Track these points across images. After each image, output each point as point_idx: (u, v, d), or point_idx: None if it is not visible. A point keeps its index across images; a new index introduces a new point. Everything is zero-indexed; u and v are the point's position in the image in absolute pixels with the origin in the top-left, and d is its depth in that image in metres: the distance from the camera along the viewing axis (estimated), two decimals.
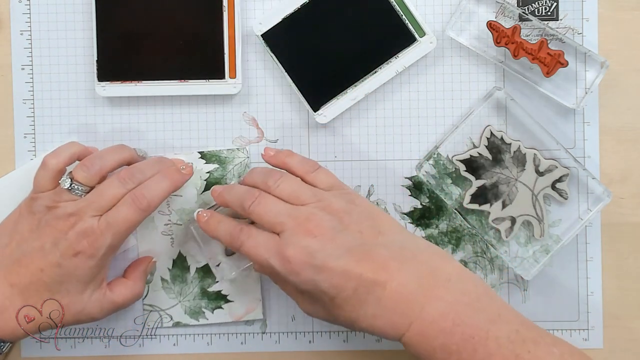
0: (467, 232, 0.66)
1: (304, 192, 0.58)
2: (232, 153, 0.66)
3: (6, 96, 0.66)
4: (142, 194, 0.59)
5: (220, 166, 0.66)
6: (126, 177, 0.60)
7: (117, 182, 0.59)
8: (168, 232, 0.66)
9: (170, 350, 0.67)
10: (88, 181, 0.60)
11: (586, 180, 0.66)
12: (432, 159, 0.66)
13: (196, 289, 0.66)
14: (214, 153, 0.66)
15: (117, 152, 0.62)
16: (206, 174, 0.66)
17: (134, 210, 0.59)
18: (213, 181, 0.66)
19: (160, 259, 0.66)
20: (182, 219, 0.66)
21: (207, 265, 0.66)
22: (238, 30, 0.64)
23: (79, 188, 0.59)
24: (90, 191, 0.60)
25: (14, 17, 0.66)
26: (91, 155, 0.62)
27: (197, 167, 0.65)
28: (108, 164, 0.61)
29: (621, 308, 0.67)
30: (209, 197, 0.64)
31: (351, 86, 0.64)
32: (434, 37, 0.64)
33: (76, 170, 0.60)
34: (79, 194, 0.59)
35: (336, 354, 0.67)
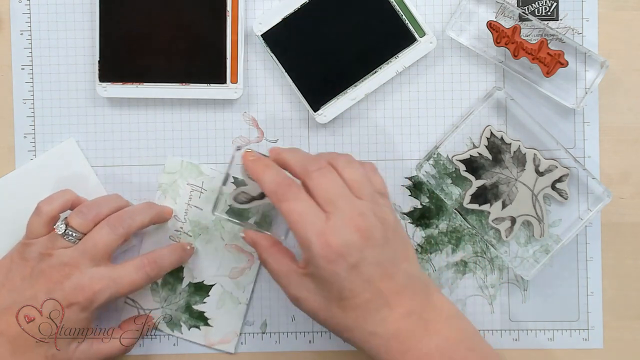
0: (467, 232, 0.66)
1: (366, 187, 0.56)
2: None
3: (6, 96, 0.66)
4: (154, 261, 0.61)
5: None
6: (116, 223, 0.60)
7: (107, 229, 0.60)
8: (176, 238, 0.66)
9: (170, 350, 0.67)
10: (83, 228, 0.60)
11: (586, 180, 0.66)
12: (432, 159, 0.66)
13: (182, 302, 0.66)
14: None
15: (113, 201, 0.63)
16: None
17: (142, 275, 0.60)
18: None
19: None
20: (194, 232, 0.66)
21: (200, 283, 0.66)
22: (241, 34, 0.64)
23: (73, 234, 0.60)
24: (83, 238, 0.60)
25: (14, 17, 0.66)
26: (87, 202, 0.62)
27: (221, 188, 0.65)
28: (104, 211, 0.61)
29: (621, 308, 0.67)
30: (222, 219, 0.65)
31: (351, 86, 0.64)
32: (434, 37, 0.64)
33: (72, 216, 0.60)
34: (73, 240, 0.59)
35: (336, 354, 0.67)
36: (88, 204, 0.62)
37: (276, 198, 0.55)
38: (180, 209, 0.66)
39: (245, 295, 0.66)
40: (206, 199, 0.66)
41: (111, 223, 0.60)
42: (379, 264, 0.55)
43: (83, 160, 0.66)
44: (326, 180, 0.55)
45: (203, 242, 0.66)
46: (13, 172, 0.66)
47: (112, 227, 0.60)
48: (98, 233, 0.60)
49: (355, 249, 0.54)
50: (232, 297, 0.66)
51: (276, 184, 0.56)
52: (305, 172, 0.56)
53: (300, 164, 0.57)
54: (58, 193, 0.62)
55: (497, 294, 0.66)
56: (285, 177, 0.56)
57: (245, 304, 0.66)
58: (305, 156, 0.58)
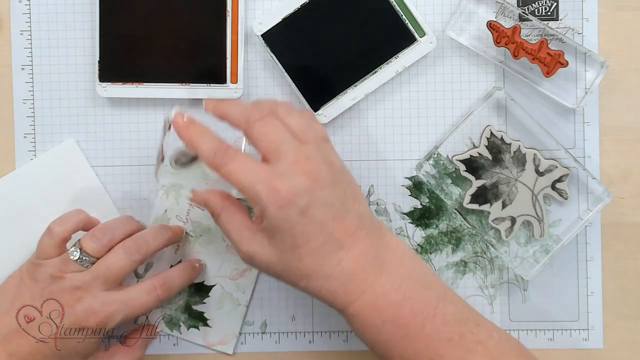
0: (467, 232, 0.66)
1: (310, 132, 0.55)
2: None
3: (6, 96, 0.66)
4: (165, 283, 0.61)
5: None
6: (132, 249, 0.60)
7: (123, 254, 0.60)
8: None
9: (170, 350, 0.67)
10: (97, 253, 0.60)
11: (586, 180, 0.66)
12: (432, 159, 0.66)
13: (181, 302, 0.66)
14: None
15: (127, 224, 0.62)
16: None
17: (154, 298, 0.60)
18: None
19: (160, 260, 0.66)
20: (196, 232, 0.66)
21: (200, 283, 0.66)
22: (241, 35, 0.64)
23: (87, 259, 0.59)
24: (96, 262, 0.60)
25: (14, 17, 0.66)
26: (101, 226, 0.62)
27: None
28: (118, 236, 0.61)
29: (621, 308, 0.67)
30: None
31: (351, 86, 0.64)
32: (434, 37, 0.64)
33: (85, 240, 0.60)
34: (86, 265, 0.59)
35: (336, 354, 0.67)
36: (102, 227, 0.61)
37: (215, 165, 0.54)
38: (182, 210, 0.66)
39: (245, 297, 0.66)
40: None
41: (127, 248, 0.60)
42: (329, 205, 0.53)
43: (83, 161, 0.66)
44: (269, 129, 0.54)
45: (205, 243, 0.66)
46: (13, 172, 0.66)
47: (128, 253, 0.60)
48: (113, 258, 0.60)
49: (305, 191, 0.52)
50: (232, 299, 0.66)
51: (213, 151, 0.54)
52: (247, 123, 0.55)
53: (241, 115, 0.55)
54: (70, 213, 0.62)
55: (497, 294, 0.66)
56: (221, 142, 0.55)
57: (245, 306, 0.66)
58: (245, 107, 0.56)
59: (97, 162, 0.66)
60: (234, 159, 0.53)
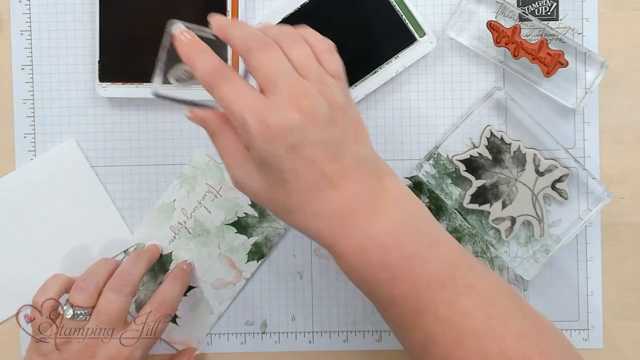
0: (467, 232, 0.66)
1: (313, 66, 0.52)
2: None
3: (6, 96, 0.66)
4: (164, 300, 0.62)
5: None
6: (120, 286, 0.60)
7: (113, 294, 0.60)
8: (175, 230, 0.66)
9: (170, 350, 0.67)
10: (88, 303, 0.60)
11: (586, 180, 0.66)
12: (432, 159, 0.66)
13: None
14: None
15: (105, 265, 0.63)
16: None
17: (158, 317, 0.61)
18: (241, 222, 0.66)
19: None
20: (195, 230, 0.66)
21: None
22: None
23: (81, 312, 0.59)
24: (92, 312, 0.60)
25: (14, 17, 0.66)
26: (81, 277, 0.61)
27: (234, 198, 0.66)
28: (101, 279, 0.61)
29: (621, 308, 0.67)
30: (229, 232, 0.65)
31: (351, 86, 0.64)
32: (434, 37, 0.64)
33: (72, 295, 0.60)
34: (84, 318, 0.59)
35: (336, 354, 0.67)
36: (83, 278, 0.61)
37: (209, 86, 0.52)
38: (190, 205, 0.66)
39: (220, 308, 0.66)
40: (218, 205, 0.66)
41: (114, 287, 0.60)
42: (323, 144, 0.51)
43: (83, 161, 0.66)
44: (267, 58, 0.51)
45: (199, 244, 0.66)
46: (13, 172, 0.66)
47: (117, 291, 0.60)
48: (106, 302, 0.60)
49: (296, 128, 0.50)
50: (207, 306, 0.66)
51: (209, 71, 0.51)
52: (247, 50, 0.52)
53: (242, 42, 0.52)
54: (49, 281, 0.62)
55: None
56: (219, 63, 0.52)
57: (217, 316, 0.66)
58: (249, 32, 0.53)
59: (97, 162, 0.66)
60: (229, 82, 0.51)
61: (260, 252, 0.66)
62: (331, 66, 0.54)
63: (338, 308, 0.67)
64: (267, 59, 0.51)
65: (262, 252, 0.66)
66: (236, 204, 0.66)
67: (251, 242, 0.66)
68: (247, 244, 0.66)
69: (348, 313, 0.67)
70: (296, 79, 0.51)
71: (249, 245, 0.66)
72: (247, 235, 0.66)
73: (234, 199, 0.66)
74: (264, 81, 0.51)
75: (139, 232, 0.66)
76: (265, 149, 0.50)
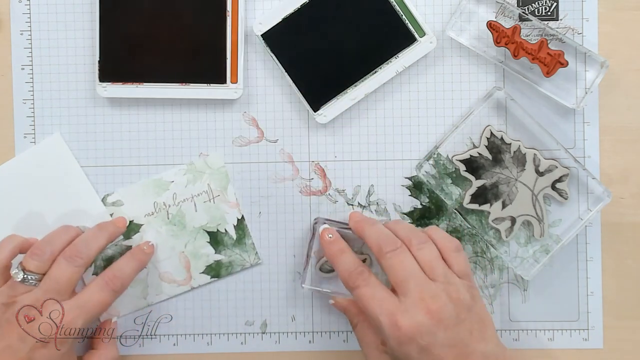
0: (467, 232, 0.66)
1: (439, 268, 0.57)
2: None
3: (6, 96, 0.66)
4: (114, 275, 0.61)
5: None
6: (73, 255, 0.60)
7: (65, 263, 0.60)
8: (157, 208, 0.66)
9: (170, 350, 0.67)
10: (40, 269, 0.59)
11: (586, 180, 0.66)
12: (432, 159, 0.66)
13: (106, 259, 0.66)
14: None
15: (64, 234, 0.62)
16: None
17: (108, 293, 0.60)
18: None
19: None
20: (173, 219, 0.66)
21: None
22: (241, 35, 0.64)
23: (32, 277, 0.59)
24: (42, 278, 0.59)
25: (14, 17, 0.66)
26: (39, 242, 0.61)
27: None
28: (57, 247, 0.61)
29: (621, 308, 0.67)
30: None
31: (351, 86, 0.64)
32: (434, 37, 0.64)
33: (26, 260, 0.60)
34: (34, 283, 0.59)
35: (336, 354, 0.67)
36: (39, 244, 0.61)
37: (348, 285, 0.58)
38: (183, 194, 0.66)
39: (154, 299, 0.66)
40: (206, 209, 0.66)
41: (68, 256, 0.60)
42: (451, 345, 0.55)
43: (69, 155, 0.66)
44: (398, 262, 0.57)
45: (170, 233, 0.66)
46: (11, 159, 0.66)
47: (70, 260, 0.60)
48: (58, 270, 0.59)
49: (426, 331, 0.54)
50: (144, 290, 0.66)
51: (348, 272, 0.58)
52: (380, 253, 0.58)
53: (375, 243, 0.59)
54: (4, 241, 0.62)
55: (497, 294, 0.66)
56: (357, 265, 0.58)
57: (147, 304, 0.66)
58: (381, 233, 0.59)
59: (97, 162, 0.66)
60: (366, 284, 0.57)
61: (217, 271, 0.66)
62: (458, 266, 0.58)
63: None
64: (398, 262, 0.57)
65: (219, 273, 0.66)
66: (223, 217, 0.66)
67: (215, 258, 0.66)
68: (210, 257, 0.66)
69: None
70: (425, 282, 0.56)
71: (212, 260, 0.66)
72: (216, 250, 0.66)
73: (224, 212, 0.66)
74: (396, 283, 0.57)
75: (125, 191, 0.66)
76: (398, 349, 0.55)
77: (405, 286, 0.56)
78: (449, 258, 0.59)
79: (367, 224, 0.61)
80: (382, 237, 0.59)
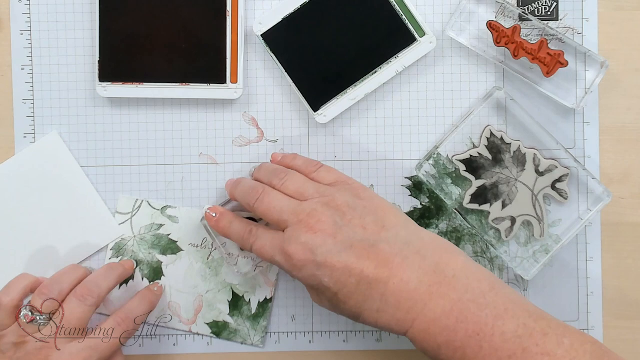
0: (467, 232, 0.66)
1: (308, 188, 0.58)
2: None
3: (6, 96, 0.66)
4: (127, 317, 0.61)
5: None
6: (85, 294, 0.60)
7: (76, 302, 0.59)
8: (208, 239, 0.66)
9: (170, 350, 0.67)
10: (49, 309, 0.59)
11: (586, 180, 0.66)
12: (432, 159, 0.66)
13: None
14: None
15: (73, 273, 0.62)
16: None
17: (119, 333, 0.60)
18: None
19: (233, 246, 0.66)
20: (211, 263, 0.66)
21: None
22: (241, 35, 0.64)
23: (41, 317, 0.59)
24: (54, 317, 0.59)
25: (14, 17, 0.66)
26: (47, 282, 0.61)
27: None
28: (66, 286, 0.60)
29: (621, 308, 0.67)
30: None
31: (351, 86, 0.64)
32: (434, 37, 0.64)
33: (35, 299, 0.59)
34: (43, 323, 0.59)
35: (336, 354, 0.67)
36: (48, 283, 0.61)
37: (245, 248, 0.59)
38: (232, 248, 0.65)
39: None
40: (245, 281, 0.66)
41: (79, 295, 0.59)
42: (347, 248, 0.54)
43: (67, 153, 0.66)
44: (267, 205, 0.57)
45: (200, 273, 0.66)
46: (12, 158, 0.66)
47: (81, 300, 0.59)
48: (68, 309, 0.59)
49: (316, 246, 0.54)
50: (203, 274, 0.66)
51: (240, 237, 0.59)
52: (250, 207, 0.59)
53: (243, 200, 0.60)
54: (15, 280, 0.61)
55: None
56: (245, 227, 0.59)
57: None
58: (244, 188, 0.60)
59: (97, 162, 0.66)
60: (257, 238, 0.58)
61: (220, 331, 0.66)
62: (328, 178, 0.59)
63: None
64: (266, 205, 0.57)
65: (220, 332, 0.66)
66: (254, 288, 0.66)
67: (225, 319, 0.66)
68: (222, 315, 0.66)
69: None
70: (298, 206, 0.56)
71: (221, 318, 0.66)
72: (230, 312, 0.66)
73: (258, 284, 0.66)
74: (275, 224, 0.57)
75: (186, 212, 0.66)
76: (300, 277, 0.55)
77: (283, 220, 0.56)
78: (316, 177, 0.60)
79: (233, 186, 0.62)
80: (246, 191, 0.60)
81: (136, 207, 0.66)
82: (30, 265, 0.65)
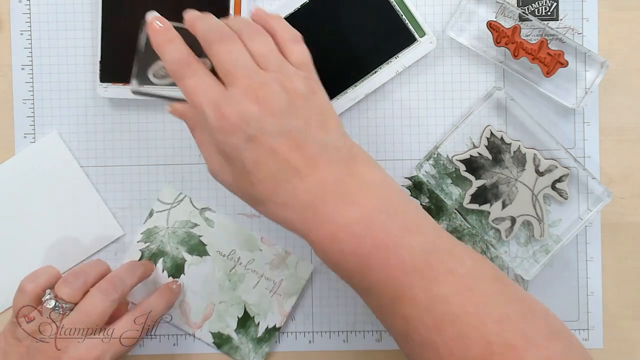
0: (467, 232, 0.66)
1: (272, 58, 0.53)
2: None
3: (6, 96, 0.66)
4: (145, 313, 0.61)
5: None
6: (109, 288, 0.59)
7: (100, 295, 0.59)
8: (235, 252, 0.66)
9: (170, 350, 0.67)
10: (72, 298, 0.59)
11: (586, 180, 0.66)
12: (432, 159, 0.66)
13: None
14: None
15: (97, 266, 0.62)
16: None
17: (137, 328, 0.60)
18: None
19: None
20: (234, 274, 0.66)
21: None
22: None
23: (64, 306, 0.59)
24: (75, 308, 0.59)
25: (14, 17, 0.66)
26: (72, 271, 0.61)
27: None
28: (91, 279, 0.60)
29: (621, 308, 0.67)
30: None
31: (351, 86, 0.64)
32: (434, 37, 0.64)
33: (59, 287, 0.59)
34: (65, 312, 0.59)
35: (336, 354, 0.67)
36: (74, 272, 0.60)
37: (175, 76, 0.52)
38: (258, 266, 0.66)
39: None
40: (261, 294, 0.66)
41: (103, 289, 0.59)
42: (283, 134, 0.51)
43: (67, 154, 0.66)
44: (226, 51, 0.52)
45: (218, 282, 0.66)
46: (12, 158, 0.66)
47: (105, 294, 0.59)
48: (90, 301, 0.59)
49: (253, 118, 0.50)
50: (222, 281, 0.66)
51: (175, 61, 0.52)
52: (207, 42, 0.52)
53: (203, 33, 0.53)
54: (41, 269, 0.61)
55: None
56: (186, 55, 0.52)
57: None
58: (210, 24, 0.53)
59: (97, 162, 0.66)
60: (194, 74, 0.52)
61: (222, 343, 0.66)
62: (295, 56, 0.54)
63: (338, 308, 0.67)
64: (225, 51, 0.51)
65: (221, 345, 0.66)
66: (266, 312, 0.66)
67: (230, 333, 0.66)
68: (228, 329, 0.66)
69: (348, 313, 0.67)
70: (254, 71, 0.52)
71: (227, 332, 0.66)
72: (236, 328, 0.66)
73: (271, 309, 0.66)
74: (223, 73, 0.52)
75: (224, 219, 0.66)
76: (223, 141, 0.51)
77: (233, 75, 0.51)
78: (286, 49, 0.54)
79: (198, 18, 0.54)
80: (210, 26, 0.53)
81: (177, 200, 0.66)
82: (30, 265, 0.65)
